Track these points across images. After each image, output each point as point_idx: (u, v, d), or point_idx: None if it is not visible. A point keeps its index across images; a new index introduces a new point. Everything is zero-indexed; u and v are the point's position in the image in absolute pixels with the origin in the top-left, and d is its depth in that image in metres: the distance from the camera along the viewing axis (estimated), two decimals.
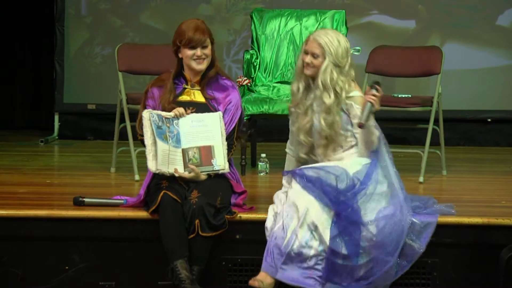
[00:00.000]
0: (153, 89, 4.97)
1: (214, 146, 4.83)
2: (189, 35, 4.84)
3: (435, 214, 4.74)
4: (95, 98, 8.31)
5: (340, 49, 4.60)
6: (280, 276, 4.52)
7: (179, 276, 4.56)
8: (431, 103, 6.10)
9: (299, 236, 4.49)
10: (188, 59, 4.89)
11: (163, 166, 4.77)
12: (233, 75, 8.03)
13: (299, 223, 4.50)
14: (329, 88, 4.62)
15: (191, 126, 4.84)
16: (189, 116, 4.85)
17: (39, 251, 4.92)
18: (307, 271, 4.53)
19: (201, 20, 4.96)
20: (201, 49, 4.86)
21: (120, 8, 8.33)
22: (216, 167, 4.82)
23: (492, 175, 6.51)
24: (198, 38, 4.85)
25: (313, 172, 4.57)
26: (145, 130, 4.80)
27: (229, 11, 8.27)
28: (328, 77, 4.61)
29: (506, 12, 8.11)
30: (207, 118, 4.86)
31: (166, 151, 4.78)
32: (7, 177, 6.13)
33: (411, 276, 4.80)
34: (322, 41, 4.60)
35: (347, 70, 4.64)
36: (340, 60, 4.61)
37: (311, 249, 4.50)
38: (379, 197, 4.62)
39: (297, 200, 4.53)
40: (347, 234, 4.49)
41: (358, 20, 8.14)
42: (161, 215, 4.68)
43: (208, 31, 4.91)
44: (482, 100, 8.13)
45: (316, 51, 4.61)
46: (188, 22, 4.91)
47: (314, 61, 4.63)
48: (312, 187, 4.52)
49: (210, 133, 4.84)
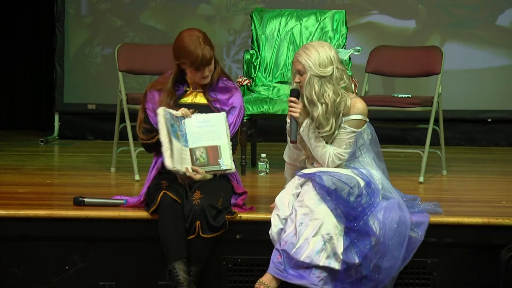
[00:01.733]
0: (152, 92, 4.94)
1: (220, 146, 4.83)
2: (197, 59, 4.76)
3: (425, 213, 4.76)
4: (95, 98, 8.31)
5: (319, 60, 4.60)
6: (287, 279, 4.51)
7: (176, 278, 4.55)
8: (431, 103, 6.10)
9: (311, 244, 4.49)
10: (195, 78, 4.87)
11: (178, 164, 4.75)
12: (233, 75, 8.03)
13: (313, 232, 4.50)
14: (315, 100, 4.62)
15: (197, 126, 4.84)
16: (194, 116, 4.85)
17: (39, 251, 4.92)
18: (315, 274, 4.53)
19: (200, 31, 4.85)
20: (207, 68, 4.83)
21: (120, 8, 8.33)
22: (223, 166, 4.82)
23: (492, 175, 6.51)
24: (206, 61, 4.79)
25: (331, 182, 4.54)
26: (161, 127, 4.74)
27: (229, 11, 8.27)
28: (313, 90, 4.61)
29: (506, 12, 8.12)
30: (212, 119, 4.86)
31: (179, 149, 4.77)
32: (7, 177, 6.13)
33: (411, 276, 4.80)
34: (301, 58, 4.62)
35: (336, 76, 4.63)
36: (322, 70, 4.60)
37: (321, 259, 4.50)
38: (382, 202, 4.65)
39: (314, 209, 4.52)
40: (359, 245, 4.50)
41: (358, 20, 8.14)
42: (161, 216, 4.67)
43: (210, 44, 4.83)
44: (482, 100, 8.13)
45: (300, 68, 4.64)
46: (192, 41, 4.78)
47: (301, 78, 4.66)
48: (330, 199, 4.52)
49: (216, 133, 4.84)
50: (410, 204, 4.83)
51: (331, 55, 4.63)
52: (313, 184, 4.56)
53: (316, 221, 4.50)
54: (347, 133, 4.66)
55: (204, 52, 4.78)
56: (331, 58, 4.62)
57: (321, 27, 6.59)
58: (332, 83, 4.61)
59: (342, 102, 4.63)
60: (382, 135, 4.98)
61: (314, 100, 4.62)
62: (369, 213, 4.55)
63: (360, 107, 4.68)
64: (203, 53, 4.78)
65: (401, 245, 4.55)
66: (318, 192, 4.53)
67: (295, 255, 4.49)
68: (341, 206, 4.51)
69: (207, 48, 4.79)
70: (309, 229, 4.50)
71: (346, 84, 4.66)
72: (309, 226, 4.50)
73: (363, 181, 4.62)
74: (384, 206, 4.61)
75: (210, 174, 4.82)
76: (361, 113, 4.68)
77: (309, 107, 4.66)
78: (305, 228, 4.50)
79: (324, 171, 4.61)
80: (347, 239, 4.52)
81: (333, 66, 4.61)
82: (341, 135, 4.66)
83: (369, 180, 4.64)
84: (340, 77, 4.63)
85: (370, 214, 4.55)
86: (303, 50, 4.65)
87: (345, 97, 4.65)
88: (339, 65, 4.64)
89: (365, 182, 4.62)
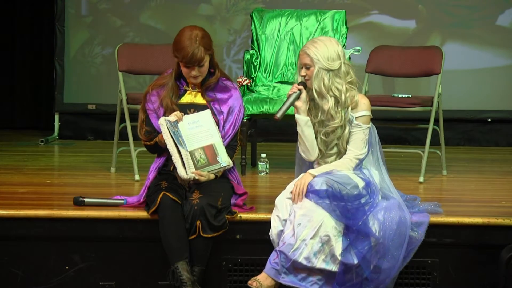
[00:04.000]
0: (153, 92, 4.94)
1: (215, 144, 4.83)
2: (187, 56, 4.75)
3: (425, 213, 4.76)
4: (95, 98, 8.31)
5: (328, 53, 4.61)
6: (282, 281, 4.52)
7: (180, 278, 4.55)
8: (431, 103, 6.10)
9: (309, 246, 4.49)
10: (184, 74, 4.87)
11: (189, 171, 4.76)
12: (233, 75, 8.04)
13: (311, 234, 4.49)
14: (324, 93, 4.63)
15: (189, 128, 4.83)
16: (184, 118, 4.84)
17: (39, 251, 4.92)
18: (311, 278, 4.53)
19: (202, 31, 4.82)
20: (197, 68, 4.82)
21: (120, 8, 8.33)
22: (223, 163, 4.82)
23: (492, 175, 6.51)
24: (196, 60, 4.76)
25: (326, 185, 4.54)
26: (167, 137, 4.74)
27: (229, 11, 8.27)
28: (321, 82, 4.62)
29: (506, 12, 8.12)
30: (200, 118, 4.85)
31: (186, 156, 4.78)
32: (7, 177, 6.13)
33: (411, 276, 4.80)
34: (309, 51, 4.63)
35: (344, 72, 4.65)
36: (331, 64, 4.61)
37: (318, 261, 4.50)
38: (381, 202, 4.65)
39: (313, 211, 4.51)
40: (357, 246, 4.50)
41: (358, 20, 8.14)
42: (161, 217, 4.67)
43: (207, 45, 4.79)
44: (482, 100, 8.13)
45: (307, 61, 4.64)
46: (189, 36, 4.78)
47: (308, 72, 4.66)
48: (324, 203, 4.51)
49: (207, 132, 4.84)
50: (410, 204, 4.83)
51: (339, 50, 4.65)
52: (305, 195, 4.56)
53: (314, 223, 4.49)
54: (362, 131, 4.67)
55: (195, 51, 4.75)
56: (338, 53, 4.64)
57: (321, 27, 6.59)
58: (340, 76, 4.64)
59: (351, 96, 4.65)
60: (382, 135, 4.98)
61: (324, 93, 4.63)
62: (368, 213, 4.55)
63: (366, 103, 4.71)
64: (193, 52, 4.75)
65: (401, 246, 4.56)
66: (311, 199, 4.52)
67: (293, 256, 4.49)
68: (338, 206, 4.50)
69: (200, 49, 4.76)
70: (307, 230, 4.50)
71: (353, 79, 4.69)
72: (307, 227, 4.50)
73: (363, 181, 4.62)
74: (384, 206, 4.61)
75: (213, 174, 4.82)
76: (368, 109, 4.71)
77: (319, 100, 4.66)
78: (303, 229, 4.50)
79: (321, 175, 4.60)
80: (346, 240, 4.52)
81: (341, 61, 4.63)
82: (358, 134, 4.67)
83: (368, 181, 4.64)
84: (347, 72, 4.66)
85: (369, 214, 4.55)
86: (311, 44, 4.65)
87: (353, 92, 4.68)
88: (345, 61, 4.66)
89: (365, 183, 4.62)
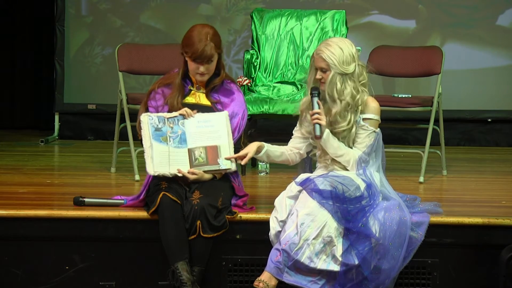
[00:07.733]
0: (158, 90, 4.93)
1: (220, 146, 4.82)
2: (197, 52, 4.76)
3: (425, 213, 4.76)
4: (95, 98, 8.31)
5: (343, 57, 4.59)
6: (286, 280, 4.52)
7: (180, 278, 4.55)
8: (431, 103, 6.10)
9: (311, 246, 4.49)
10: (192, 70, 4.87)
11: (161, 168, 4.76)
12: (233, 75, 8.03)
13: (314, 234, 4.49)
14: (335, 98, 4.62)
15: (198, 126, 4.84)
16: (196, 116, 4.85)
17: (39, 251, 4.92)
18: (310, 278, 4.53)
19: (213, 29, 4.84)
20: (206, 65, 4.82)
21: (120, 8, 8.34)
22: (223, 166, 4.81)
23: (492, 175, 6.51)
24: (206, 56, 4.77)
25: (330, 186, 4.53)
26: (144, 133, 4.79)
27: (229, 11, 8.27)
28: (334, 87, 4.61)
29: (506, 12, 8.12)
30: (214, 118, 4.86)
31: (165, 153, 4.78)
32: (7, 177, 6.13)
33: (411, 276, 4.80)
34: (324, 55, 4.60)
35: (358, 73, 4.64)
36: (346, 68, 4.60)
37: (320, 261, 4.50)
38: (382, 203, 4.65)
39: (317, 212, 4.51)
40: (358, 246, 4.50)
41: (358, 20, 8.14)
42: (161, 217, 4.67)
43: (217, 43, 4.81)
44: (482, 100, 8.13)
45: (323, 65, 4.62)
46: (200, 32, 4.79)
47: (324, 75, 4.64)
48: (327, 203, 4.51)
49: (216, 133, 4.83)
50: (410, 204, 4.83)
51: (353, 51, 4.64)
52: (307, 192, 4.56)
53: (318, 223, 4.49)
54: (367, 134, 4.67)
55: (206, 47, 4.76)
56: (353, 55, 4.62)
57: (321, 27, 6.59)
58: (353, 79, 4.63)
59: (361, 99, 4.65)
60: (382, 135, 4.98)
61: (335, 97, 4.62)
62: (368, 214, 4.55)
63: (376, 107, 4.69)
64: (205, 48, 4.76)
65: (401, 246, 4.55)
66: (314, 199, 4.52)
67: (296, 256, 4.48)
68: (340, 208, 4.50)
69: (211, 45, 4.78)
70: (310, 230, 4.49)
71: (366, 81, 4.68)
72: (311, 227, 4.50)
73: (364, 183, 4.62)
74: (384, 206, 4.60)
75: (209, 174, 4.82)
76: (376, 113, 4.70)
77: (329, 102, 4.65)
78: (306, 228, 4.50)
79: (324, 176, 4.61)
80: (347, 241, 4.52)
81: (355, 63, 4.62)
82: (362, 136, 4.67)
83: (370, 182, 4.63)
84: (360, 73, 4.65)
85: (369, 215, 4.55)
86: (325, 47, 4.62)
87: (364, 94, 4.67)
88: (359, 61, 4.65)
89: (366, 184, 4.61)
